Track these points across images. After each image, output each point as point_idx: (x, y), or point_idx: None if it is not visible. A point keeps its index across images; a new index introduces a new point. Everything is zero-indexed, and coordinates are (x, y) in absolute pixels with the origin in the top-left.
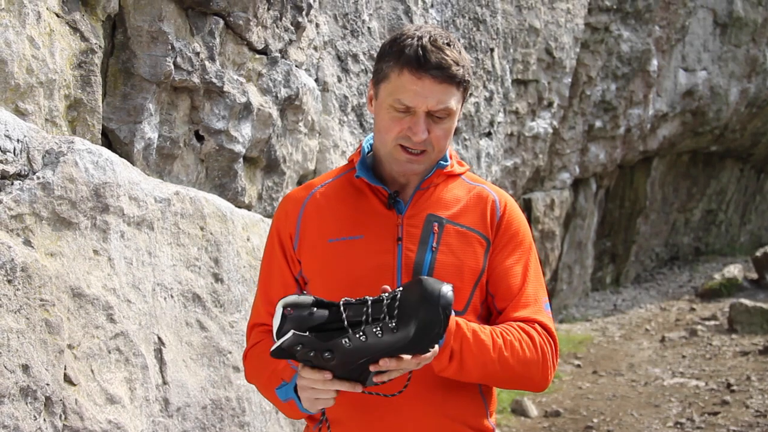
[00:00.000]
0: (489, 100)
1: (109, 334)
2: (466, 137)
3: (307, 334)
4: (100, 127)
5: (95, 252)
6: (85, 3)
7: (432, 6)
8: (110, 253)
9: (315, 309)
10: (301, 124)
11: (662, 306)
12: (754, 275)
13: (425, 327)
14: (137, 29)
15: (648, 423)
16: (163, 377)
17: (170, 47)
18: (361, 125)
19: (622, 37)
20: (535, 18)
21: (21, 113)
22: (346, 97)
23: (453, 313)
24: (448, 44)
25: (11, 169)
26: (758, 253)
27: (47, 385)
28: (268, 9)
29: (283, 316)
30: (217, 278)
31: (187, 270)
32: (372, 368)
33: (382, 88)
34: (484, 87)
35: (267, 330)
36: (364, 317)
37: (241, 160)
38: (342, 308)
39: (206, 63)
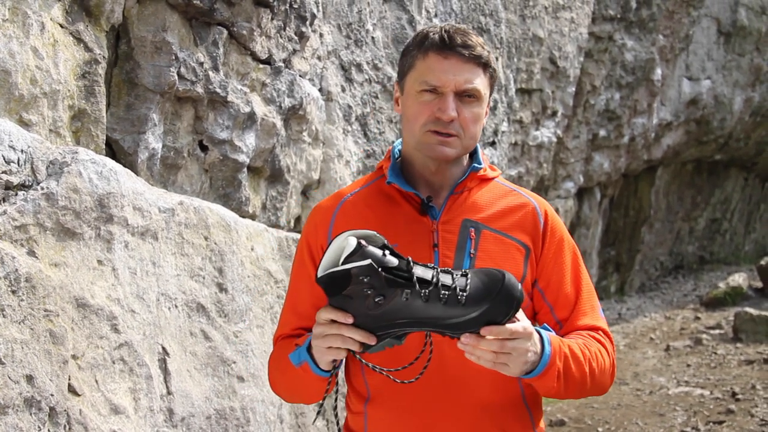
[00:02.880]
0: (493, 109)
1: (114, 345)
2: None
3: (380, 270)
4: (104, 138)
5: (99, 262)
6: (89, 13)
7: (436, 15)
8: (114, 263)
9: (387, 252)
10: (305, 133)
11: (667, 315)
12: (759, 284)
13: (493, 314)
14: (141, 39)
15: None
16: (167, 387)
17: (174, 57)
18: (365, 135)
19: (626, 46)
20: (539, 27)
21: (25, 124)
22: (350, 107)
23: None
24: (474, 34)
25: (15, 180)
26: (763, 262)
27: (51, 395)
28: (272, 19)
29: (359, 245)
30: (221, 288)
31: (191, 280)
32: (461, 342)
33: (407, 80)
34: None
35: (293, 341)
36: (433, 279)
37: (245, 170)
38: (410, 262)
39: (210, 73)
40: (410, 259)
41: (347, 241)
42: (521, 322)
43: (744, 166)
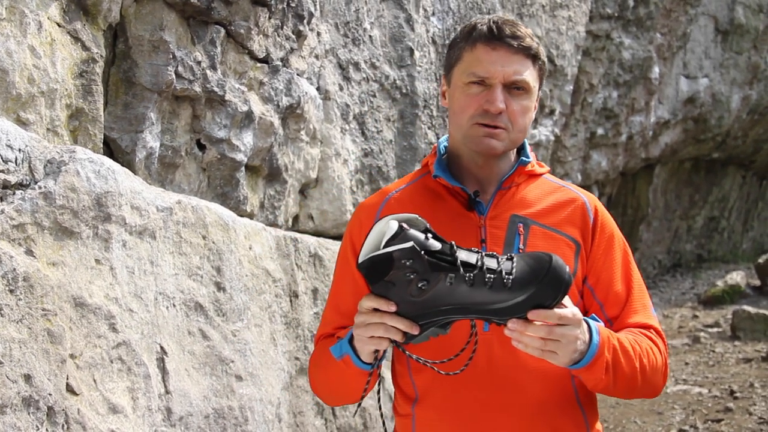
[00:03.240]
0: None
1: (111, 344)
2: None
3: (423, 253)
4: (102, 137)
5: (97, 261)
6: (87, 12)
7: (433, 14)
8: (112, 262)
9: (430, 236)
10: (302, 132)
11: (665, 313)
12: (757, 282)
13: (540, 297)
14: (138, 38)
15: (651, 430)
16: (165, 386)
17: (171, 56)
18: (363, 133)
19: (623, 44)
20: (537, 26)
21: (22, 123)
22: (347, 105)
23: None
24: (522, 26)
25: (13, 179)
26: (761, 260)
27: (49, 395)
28: (270, 18)
29: (401, 227)
30: (220, 287)
31: (189, 279)
32: (508, 328)
33: (455, 72)
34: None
35: (335, 338)
36: (478, 263)
37: (242, 168)
38: (453, 246)
39: (208, 72)
40: (454, 243)
41: (388, 225)
42: (570, 308)
43: (742, 164)
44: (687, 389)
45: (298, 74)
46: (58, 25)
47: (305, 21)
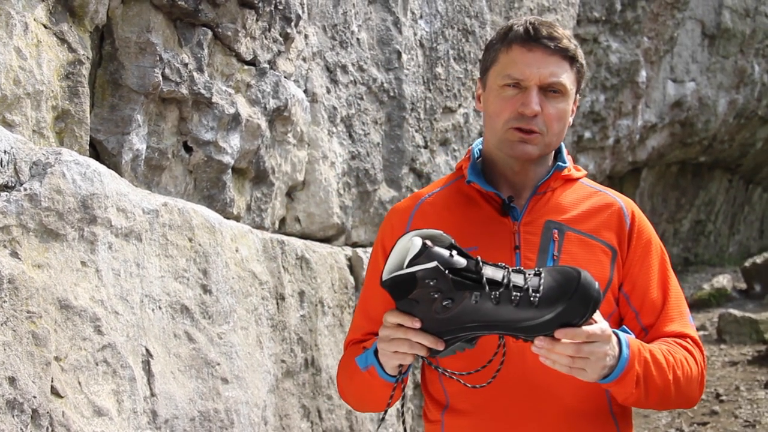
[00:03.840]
0: (478, 111)
1: (97, 346)
2: (456, 148)
3: (447, 272)
4: (88, 139)
5: (83, 263)
6: (73, 14)
7: (421, 17)
8: (98, 264)
9: (455, 252)
10: (290, 135)
11: None
12: (743, 285)
13: (569, 315)
14: (125, 40)
15: None
16: (150, 389)
17: (158, 58)
18: (351, 136)
19: (610, 48)
20: None
21: (8, 124)
22: (335, 108)
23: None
24: (560, 27)
25: None
26: (747, 264)
27: (34, 397)
28: (257, 20)
29: (424, 245)
30: (206, 290)
31: (175, 281)
32: (535, 345)
33: (490, 74)
34: (474, 98)
35: (362, 345)
36: (504, 281)
37: (229, 171)
38: (479, 262)
39: (194, 74)
40: (479, 258)
41: (412, 242)
42: (599, 323)
43: (728, 167)
44: None
45: (285, 77)
46: (45, 26)
47: (293, 23)
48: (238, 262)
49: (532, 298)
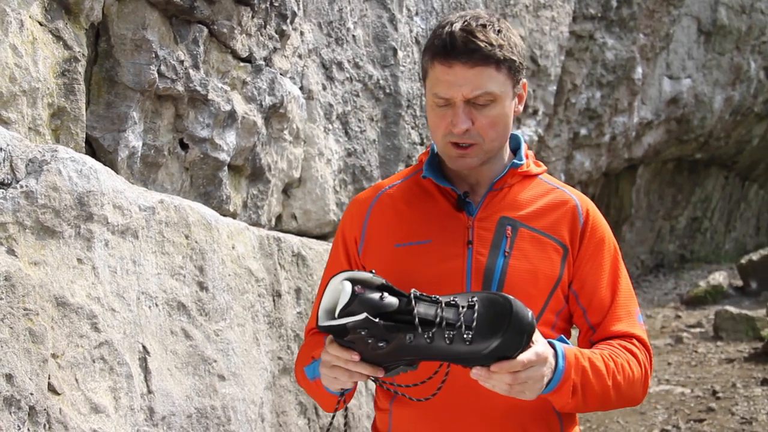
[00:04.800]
0: None
1: (94, 343)
2: None
3: (378, 320)
4: (84, 136)
5: (79, 261)
6: (68, 11)
7: (417, 14)
8: (94, 261)
9: (386, 294)
10: (285, 132)
11: (648, 313)
12: (739, 282)
13: (503, 349)
14: (121, 37)
15: (634, 430)
16: (147, 386)
17: (154, 55)
18: (347, 133)
19: (606, 45)
20: (520, 26)
21: (4, 122)
22: (331, 105)
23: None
24: (484, 26)
25: None
26: (743, 261)
27: (31, 394)
28: (253, 17)
29: (353, 293)
30: (202, 287)
31: (171, 278)
32: (473, 374)
33: (426, 85)
34: None
35: (317, 344)
36: (436, 319)
37: (225, 168)
38: (413, 302)
39: (190, 71)
40: (412, 294)
41: (343, 287)
42: (534, 347)
43: (724, 164)
44: (669, 389)
45: (281, 74)
46: (40, 23)
47: (288, 20)
48: (235, 259)
49: (465, 336)
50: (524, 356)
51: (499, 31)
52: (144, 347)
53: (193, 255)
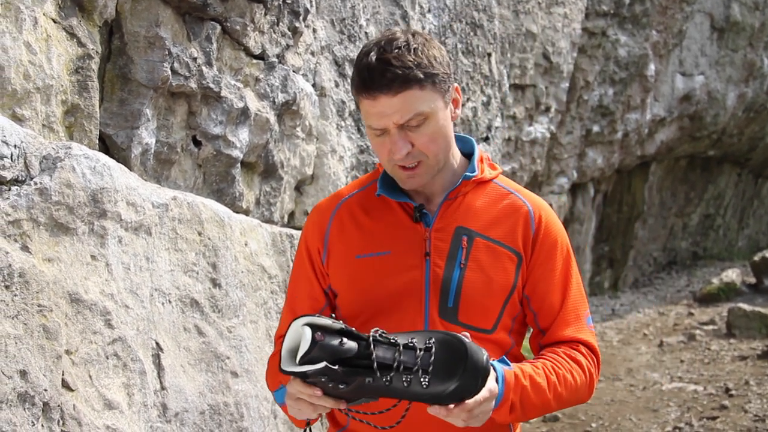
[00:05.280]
0: (486, 104)
1: (107, 340)
2: None
3: (337, 367)
4: (98, 133)
5: (93, 257)
6: (82, 8)
7: (429, 11)
8: (108, 258)
9: (345, 339)
10: (298, 129)
11: (660, 311)
12: (752, 280)
13: (460, 393)
14: (134, 35)
15: (646, 428)
16: (161, 382)
17: (167, 53)
18: (359, 130)
19: (619, 41)
20: (533, 23)
21: (18, 119)
22: (343, 102)
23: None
24: (399, 48)
25: (8, 175)
26: (756, 258)
27: (45, 390)
28: (265, 14)
29: (314, 340)
30: (215, 283)
31: (184, 275)
32: (430, 411)
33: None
34: (482, 92)
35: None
36: (394, 363)
37: (238, 165)
38: (372, 346)
39: (203, 68)
40: (371, 337)
41: (303, 333)
42: (487, 384)
43: (737, 161)
44: (682, 387)
45: (293, 71)
46: (54, 21)
47: (301, 17)
48: (248, 256)
49: (422, 380)
50: (479, 396)
51: (414, 50)
52: (157, 344)
53: (206, 252)
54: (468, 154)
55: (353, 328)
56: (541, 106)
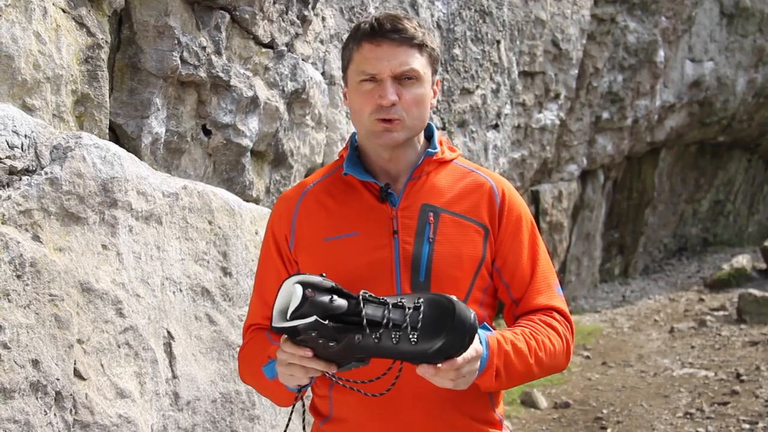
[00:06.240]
0: (496, 92)
1: (119, 329)
2: (474, 129)
3: (327, 322)
4: (108, 122)
5: (104, 247)
6: None
7: None
8: (119, 247)
9: (335, 297)
10: (308, 117)
11: (671, 297)
12: (763, 265)
13: (447, 350)
14: (143, 24)
15: (657, 413)
16: (172, 371)
17: (177, 42)
18: None
19: (628, 28)
20: (542, 10)
21: (28, 109)
22: None
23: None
24: (408, 19)
25: (19, 165)
26: (766, 243)
27: (57, 379)
28: (274, 3)
29: (304, 296)
30: (226, 272)
31: (195, 264)
32: (419, 371)
33: (349, 73)
34: (491, 79)
35: (261, 329)
36: (384, 321)
37: (248, 154)
38: (362, 304)
39: (213, 57)
40: (361, 296)
41: (294, 290)
42: (473, 344)
43: (747, 147)
44: (693, 372)
45: (303, 59)
46: (63, 11)
47: (310, 6)
48: (258, 244)
49: (411, 337)
50: (467, 354)
51: (420, 25)
52: (169, 332)
53: (216, 240)
54: (428, 137)
55: (342, 287)
56: (550, 93)
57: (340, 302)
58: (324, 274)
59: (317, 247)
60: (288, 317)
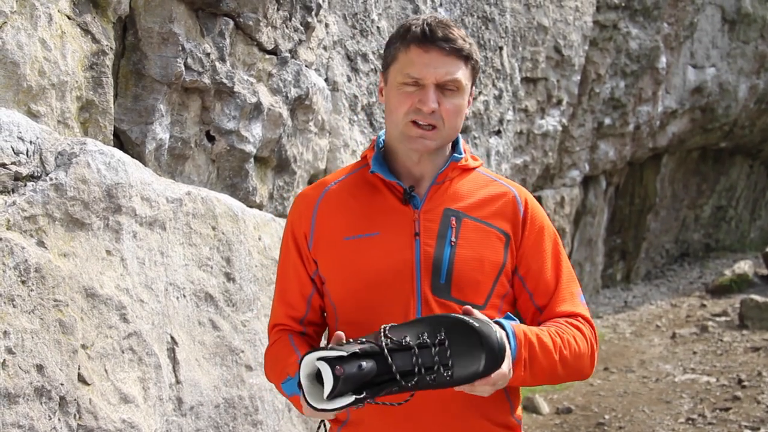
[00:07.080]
0: (498, 98)
1: (123, 334)
2: (476, 135)
3: (365, 394)
4: (112, 128)
5: (108, 252)
6: (96, 5)
7: (441, 5)
8: (123, 253)
9: (363, 363)
10: (311, 123)
11: (673, 302)
12: (765, 271)
13: (484, 374)
14: (148, 31)
15: (659, 419)
16: (176, 376)
17: (181, 48)
18: (371, 124)
19: (630, 34)
20: (544, 16)
21: (33, 115)
22: (356, 97)
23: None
24: (455, 27)
25: (24, 171)
26: None
27: (61, 384)
28: (278, 9)
29: (335, 377)
30: (229, 278)
31: (199, 270)
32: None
33: (391, 71)
34: (493, 85)
35: (285, 329)
36: (415, 368)
37: (252, 159)
38: (389, 358)
39: (217, 64)
40: (384, 344)
41: (323, 370)
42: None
43: (749, 153)
44: (695, 378)
45: (306, 66)
46: (68, 17)
47: (313, 13)
48: (261, 250)
49: (445, 375)
50: (500, 371)
51: (467, 36)
52: (172, 338)
53: (220, 246)
54: (453, 143)
55: (363, 339)
56: (552, 99)
57: (369, 366)
58: (343, 339)
59: (337, 246)
60: (325, 398)
